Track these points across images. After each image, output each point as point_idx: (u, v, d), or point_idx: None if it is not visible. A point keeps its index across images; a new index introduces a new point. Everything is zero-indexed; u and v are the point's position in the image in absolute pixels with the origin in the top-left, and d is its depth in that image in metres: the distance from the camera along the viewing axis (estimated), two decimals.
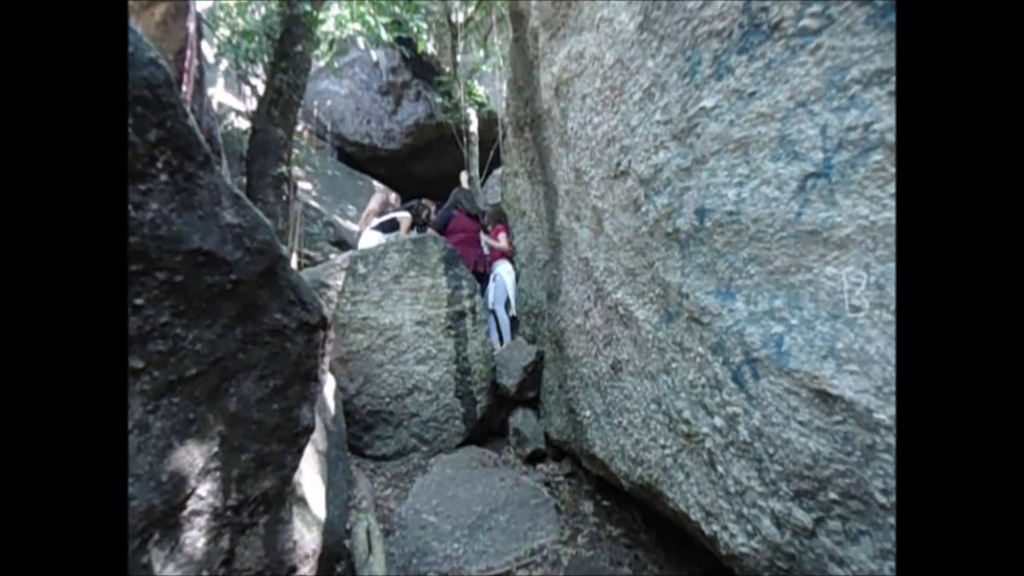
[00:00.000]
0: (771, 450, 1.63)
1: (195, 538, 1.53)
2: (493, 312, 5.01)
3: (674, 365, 2.11)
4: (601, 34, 2.64)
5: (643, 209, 2.26)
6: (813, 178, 1.51)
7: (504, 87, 6.43)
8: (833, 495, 1.46)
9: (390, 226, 5.49)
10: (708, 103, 1.88)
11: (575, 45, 2.97)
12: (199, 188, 1.48)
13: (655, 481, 2.30)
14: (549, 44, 3.42)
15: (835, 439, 1.44)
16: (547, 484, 3.65)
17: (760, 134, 1.68)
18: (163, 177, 1.38)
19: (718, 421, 1.86)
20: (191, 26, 3.90)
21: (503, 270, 5.12)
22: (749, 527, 1.76)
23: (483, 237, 5.50)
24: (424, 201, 6.18)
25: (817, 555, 1.53)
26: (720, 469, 1.87)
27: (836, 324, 1.44)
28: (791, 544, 1.60)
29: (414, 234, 5.38)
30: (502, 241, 5.20)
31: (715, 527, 1.92)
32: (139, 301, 1.36)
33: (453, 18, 8.70)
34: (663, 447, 2.23)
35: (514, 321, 5.06)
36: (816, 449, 1.48)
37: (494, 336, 4.96)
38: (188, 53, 3.87)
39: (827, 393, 1.44)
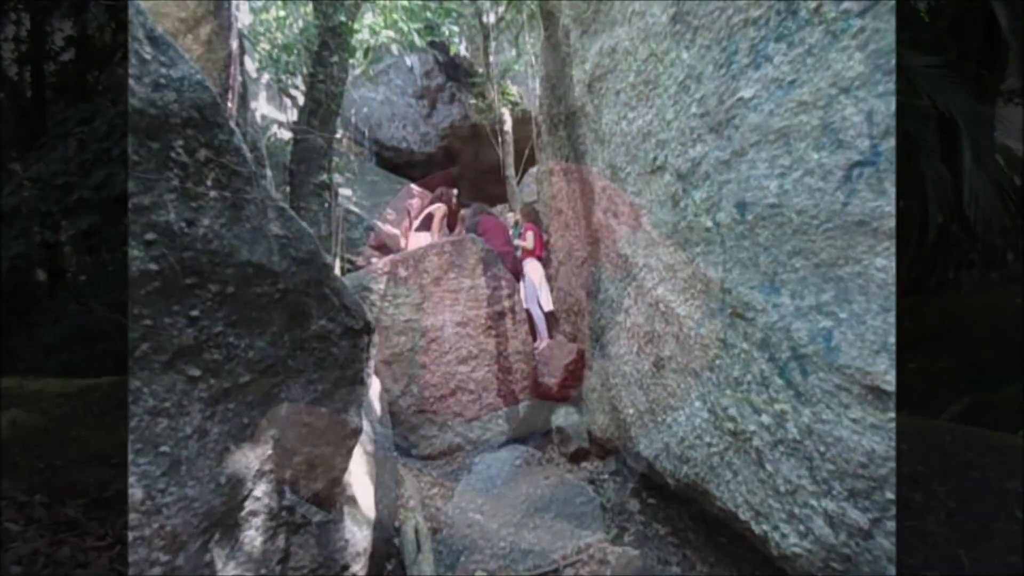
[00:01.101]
0: (822, 448, 1.58)
1: (253, 537, 1.60)
2: (527, 311, 5.03)
3: (718, 362, 2.07)
4: (633, 28, 2.61)
5: (681, 204, 2.23)
6: (860, 167, 1.46)
7: (537, 85, 6.42)
8: (890, 495, 1.41)
9: (428, 220, 5.65)
10: (746, 93, 1.84)
11: (607, 41, 2.95)
12: (246, 203, 1.55)
13: (702, 480, 2.26)
14: (581, 41, 3.40)
15: (890, 437, 1.38)
16: (592, 482, 3.64)
17: (802, 123, 1.63)
18: (213, 194, 1.45)
19: (765, 419, 1.82)
20: (234, 43, 4.04)
21: (530, 268, 5.16)
22: (801, 527, 1.71)
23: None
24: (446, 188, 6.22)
25: (875, 557, 1.47)
26: (769, 468, 1.82)
27: (888, 318, 1.39)
28: (847, 545, 1.55)
29: (448, 235, 5.48)
30: (529, 241, 5.24)
31: (765, 527, 1.87)
32: (195, 312, 1.43)
33: (484, 19, 8.73)
34: (709, 445, 2.19)
35: (548, 317, 5.06)
36: (870, 447, 1.43)
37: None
38: (232, 70, 4.01)
39: (881, 389, 1.39)
